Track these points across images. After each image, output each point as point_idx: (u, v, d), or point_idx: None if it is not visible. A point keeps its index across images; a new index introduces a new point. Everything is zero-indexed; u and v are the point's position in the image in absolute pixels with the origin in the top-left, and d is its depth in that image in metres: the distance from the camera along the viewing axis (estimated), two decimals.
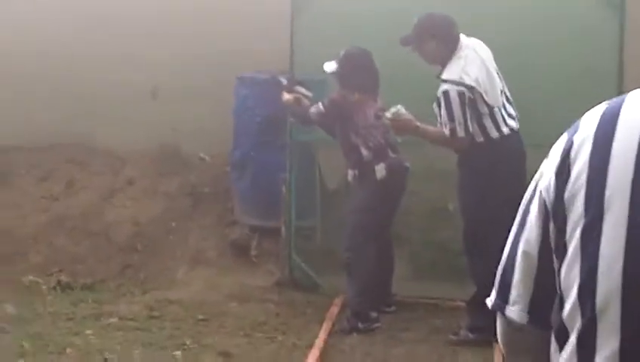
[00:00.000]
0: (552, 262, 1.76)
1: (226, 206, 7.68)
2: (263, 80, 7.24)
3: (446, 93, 5.67)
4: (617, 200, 1.68)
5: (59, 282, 7.11)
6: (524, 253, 1.79)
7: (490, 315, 1.89)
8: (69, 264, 7.39)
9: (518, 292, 1.79)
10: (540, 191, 1.76)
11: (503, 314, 1.82)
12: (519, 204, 1.86)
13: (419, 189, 6.73)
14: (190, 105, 7.94)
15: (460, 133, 5.66)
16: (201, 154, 8.08)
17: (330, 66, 6.28)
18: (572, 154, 1.73)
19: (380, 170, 6.16)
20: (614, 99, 1.78)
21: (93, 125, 8.10)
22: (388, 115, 5.78)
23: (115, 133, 8.04)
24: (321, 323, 6.22)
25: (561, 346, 1.76)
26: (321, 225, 7.33)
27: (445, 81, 5.70)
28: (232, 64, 7.63)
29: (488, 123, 5.73)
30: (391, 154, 6.25)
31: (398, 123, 5.77)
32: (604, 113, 1.75)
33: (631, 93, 1.76)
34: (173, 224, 7.64)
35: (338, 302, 6.56)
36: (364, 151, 6.19)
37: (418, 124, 5.76)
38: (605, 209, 1.68)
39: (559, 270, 1.75)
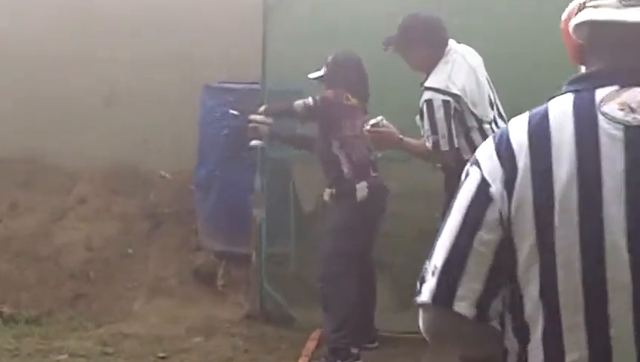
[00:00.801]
0: (504, 262, 2.05)
1: (190, 229, 7.68)
2: (232, 89, 7.24)
3: (429, 102, 5.63)
4: (567, 205, 1.99)
5: (1, 314, 7.09)
6: (479, 252, 2.05)
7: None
8: (13, 293, 7.36)
9: (467, 288, 2.05)
10: (493, 197, 2.05)
11: (450, 308, 2.06)
12: None
13: (403, 210, 6.74)
14: (150, 115, 7.91)
15: (444, 146, 5.63)
16: (162, 172, 8.06)
17: (316, 74, 6.30)
18: (515, 161, 2.04)
19: (362, 189, 6.17)
20: (537, 109, 2.10)
21: (41, 138, 8.07)
22: (367, 126, 5.78)
23: (66, 146, 8.01)
24: (295, 361, 6.20)
25: (524, 341, 2.07)
26: (295, 252, 7.33)
27: (429, 89, 5.71)
28: (199, 69, 7.64)
29: (477, 138, 5.67)
30: (372, 173, 6.28)
31: (379, 135, 5.78)
32: (532, 122, 2.07)
33: (551, 101, 2.10)
34: (130, 249, 7.63)
35: (315, 336, 6.55)
36: (346, 167, 6.20)
37: (401, 136, 5.76)
38: (556, 215, 2.00)
39: (513, 270, 2.06)
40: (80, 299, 7.35)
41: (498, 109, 5.82)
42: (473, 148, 5.56)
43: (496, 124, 5.75)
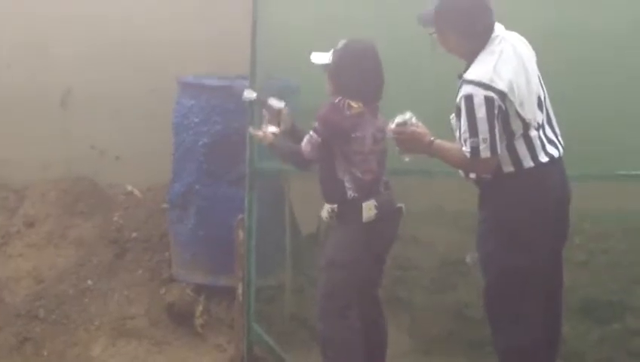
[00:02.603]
0: None
1: (162, 257, 7.66)
2: (213, 86, 7.23)
3: (468, 98, 5.56)
4: None
5: None
6: None
7: None
8: None
9: None
10: None
11: None
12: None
13: (425, 236, 6.68)
14: (114, 118, 7.89)
15: (485, 152, 5.57)
16: (129, 187, 8.02)
17: (321, 58, 6.21)
18: None
19: (369, 208, 6.10)
20: None
21: None
22: (392, 125, 5.72)
23: (11, 155, 7.97)
24: None
25: None
26: (291, 284, 7.29)
27: (469, 82, 5.65)
28: (173, 64, 7.62)
29: (521, 147, 5.66)
30: (382, 190, 6.19)
31: (406, 136, 5.73)
32: None
33: None
34: (90, 281, 7.58)
35: None
36: (350, 191, 6.12)
37: (432, 138, 5.71)
38: None
39: None
40: (27, 344, 7.34)
41: (548, 114, 5.78)
42: (516, 159, 5.57)
43: (544, 131, 5.70)
